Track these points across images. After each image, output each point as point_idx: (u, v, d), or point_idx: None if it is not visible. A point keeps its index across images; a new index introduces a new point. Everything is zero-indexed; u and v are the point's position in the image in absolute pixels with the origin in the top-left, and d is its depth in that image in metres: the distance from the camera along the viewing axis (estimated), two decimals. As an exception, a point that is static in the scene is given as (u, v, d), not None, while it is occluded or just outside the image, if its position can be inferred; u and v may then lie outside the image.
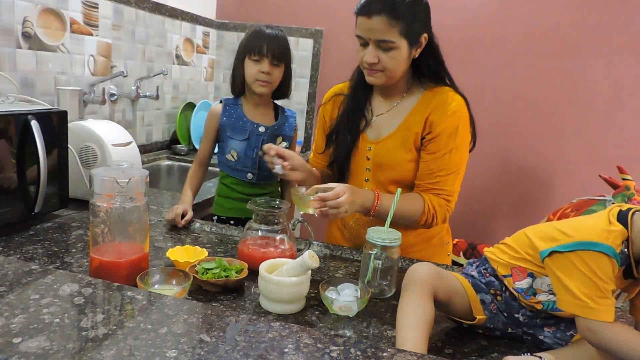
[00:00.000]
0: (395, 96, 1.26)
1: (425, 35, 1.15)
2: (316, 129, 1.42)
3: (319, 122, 1.40)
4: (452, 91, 1.21)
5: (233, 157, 1.42)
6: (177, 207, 1.33)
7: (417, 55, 1.17)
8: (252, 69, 1.34)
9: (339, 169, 1.32)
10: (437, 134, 1.17)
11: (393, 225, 1.07)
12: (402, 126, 1.22)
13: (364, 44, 1.15)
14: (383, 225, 1.06)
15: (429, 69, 1.22)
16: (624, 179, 1.90)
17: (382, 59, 1.13)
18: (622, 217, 0.78)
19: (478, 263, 0.95)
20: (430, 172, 1.19)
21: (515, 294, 0.87)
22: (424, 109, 1.20)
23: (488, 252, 0.94)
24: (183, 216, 1.32)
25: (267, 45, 1.32)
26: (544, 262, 0.82)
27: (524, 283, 0.86)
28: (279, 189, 1.55)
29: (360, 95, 1.28)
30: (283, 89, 1.44)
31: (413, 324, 0.79)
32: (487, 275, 0.91)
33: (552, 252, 0.80)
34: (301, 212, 1.12)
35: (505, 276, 0.88)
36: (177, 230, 1.31)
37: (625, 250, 0.76)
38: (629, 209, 0.78)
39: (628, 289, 0.82)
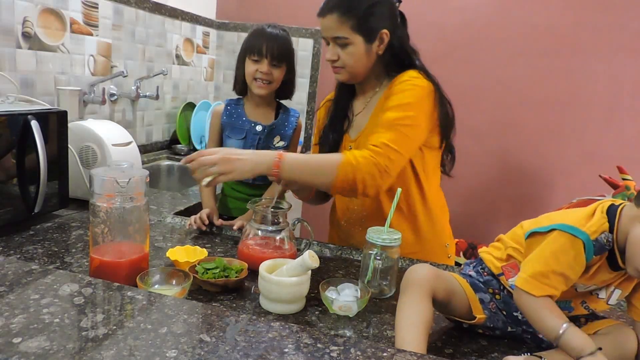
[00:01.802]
0: (369, 93, 1.28)
1: (386, 31, 1.17)
2: (313, 135, 1.47)
3: (316, 128, 1.43)
4: (412, 70, 1.19)
5: None
6: (202, 212, 1.31)
7: (381, 52, 1.19)
8: (251, 69, 1.34)
9: None
10: (387, 98, 1.16)
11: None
12: (372, 116, 1.24)
13: (327, 43, 1.20)
14: (379, 223, 1.06)
15: (395, 65, 1.22)
16: (624, 179, 1.90)
17: (341, 55, 1.18)
18: (612, 211, 0.78)
19: (475, 263, 0.95)
20: (370, 133, 1.14)
21: (512, 291, 0.87)
22: (387, 92, 1.21)
23: (483, 252, 0.95)
24: (209, 218, 1.30)
25: (267, 45, 1.31)
26: (525, 244, 0.84)
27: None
28: None
29: (343, 97, 1.33)
30: (286, 89, 1.44)
31: (412, 324, 0.79)
32: (485, 274, 0.92)
33: (532, 233, 0.82)
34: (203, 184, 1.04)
35: (499, 275, 0.89)
36: (177, 231, 1.31)
37: (603, 239, 0.76)
38: (621, 204, 0.79)
39: (621, 285, 0.82)
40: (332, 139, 1.31)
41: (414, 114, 1.12)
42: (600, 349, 0.73)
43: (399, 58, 1.22)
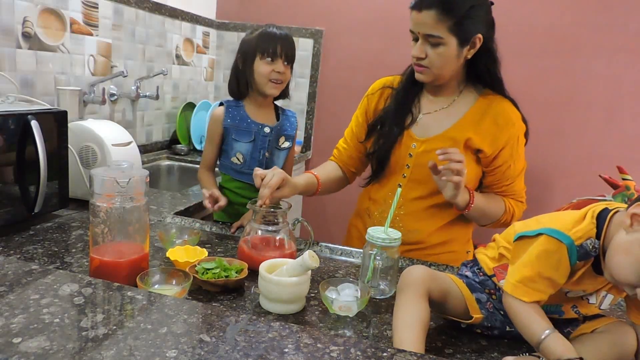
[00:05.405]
0: (446, 97, 1.25)
1: (480, 36, 1.14)
2: (354, 116, 1.41)
3: (361, 109, 1.38)
4: (506, 101, 1.23)
5: (239, 160, 1.39)
6: (213, 190, 1.34)
7: (469, 57, 1.17)
8: (265, 70, 1.32)
9: (379, 160, 1.30)
10: (500, 147, 1.21)
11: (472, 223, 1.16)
12: (452, 129, 1.21)
13: (415, 38, 1.16)
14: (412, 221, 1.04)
15: (484, 73, 1.22)
16: (624, 179, 1.90)
17: (430, 54, 1.14)
18: (603, 216, 0.77)
19: (471, 264, 0.96)
20: (497, 181, 1.26)
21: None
22: (479, 116, 1.21)
23: (478, 252, 0.95)
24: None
25: (281, 46, 1.31)
26: (513, 247, 0.84)
27: None
28: None
29: (410, 90, 1.28)
30: (285, 89, 1.44)
31: (409, 324, 0.80)
32: (481, 275, 0.92)
33: (521, 237, 0.82)
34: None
35: (492, 276, 0.89)
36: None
37: (588, 245, 0.75)
38: (614, 209, 0.78)
39: (612, 290, 0.81)
40: (395, 132, 1.26)
41: (523, 150, 1.32)
42: (581, 358, 0.72)
43: (487, 69, 1.21)
